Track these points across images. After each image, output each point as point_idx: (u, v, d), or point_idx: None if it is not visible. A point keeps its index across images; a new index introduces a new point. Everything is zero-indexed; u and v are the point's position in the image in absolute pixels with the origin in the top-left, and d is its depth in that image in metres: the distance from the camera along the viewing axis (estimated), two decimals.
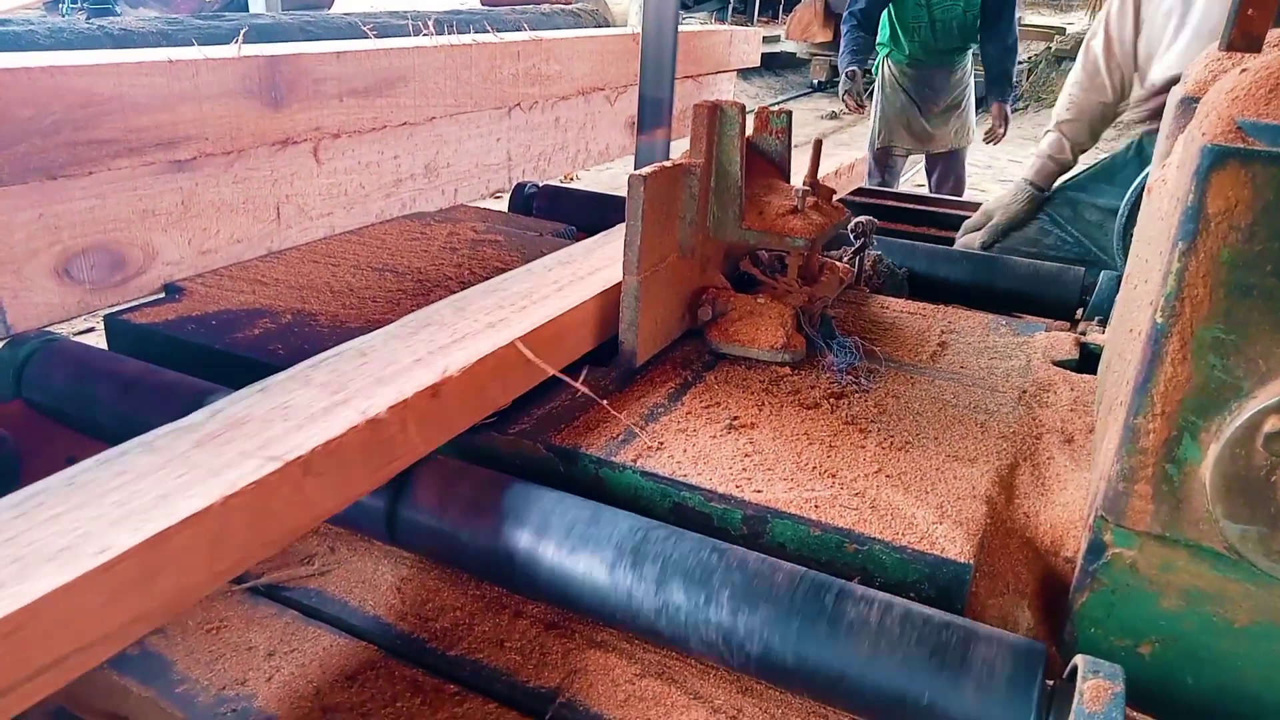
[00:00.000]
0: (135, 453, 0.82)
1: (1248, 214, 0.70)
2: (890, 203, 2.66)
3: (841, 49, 4.12)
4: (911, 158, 4.65)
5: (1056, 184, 2.34)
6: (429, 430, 0.97)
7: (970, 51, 4.11)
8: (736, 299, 1.40)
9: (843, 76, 4.12)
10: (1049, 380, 1.36)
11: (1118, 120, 2.36)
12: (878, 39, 4.15)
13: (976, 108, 4.27)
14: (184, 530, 0.70)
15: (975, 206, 2.72)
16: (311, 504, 0.82)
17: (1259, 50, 1.01)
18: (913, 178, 6.79)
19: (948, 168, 4.30)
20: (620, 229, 1.47)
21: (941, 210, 2.63)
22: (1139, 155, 2.06)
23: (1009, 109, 4.06)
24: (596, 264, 1.43)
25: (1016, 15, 3.99)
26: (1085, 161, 2.40)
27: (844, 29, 4.09)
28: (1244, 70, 0.79)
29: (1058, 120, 2.40)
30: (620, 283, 1.25)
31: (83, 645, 0.65)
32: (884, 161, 4.30)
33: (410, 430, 0.93)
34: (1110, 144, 2.55)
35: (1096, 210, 2.16)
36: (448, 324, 1.15)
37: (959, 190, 4.31)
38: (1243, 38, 1.01)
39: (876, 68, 4.27)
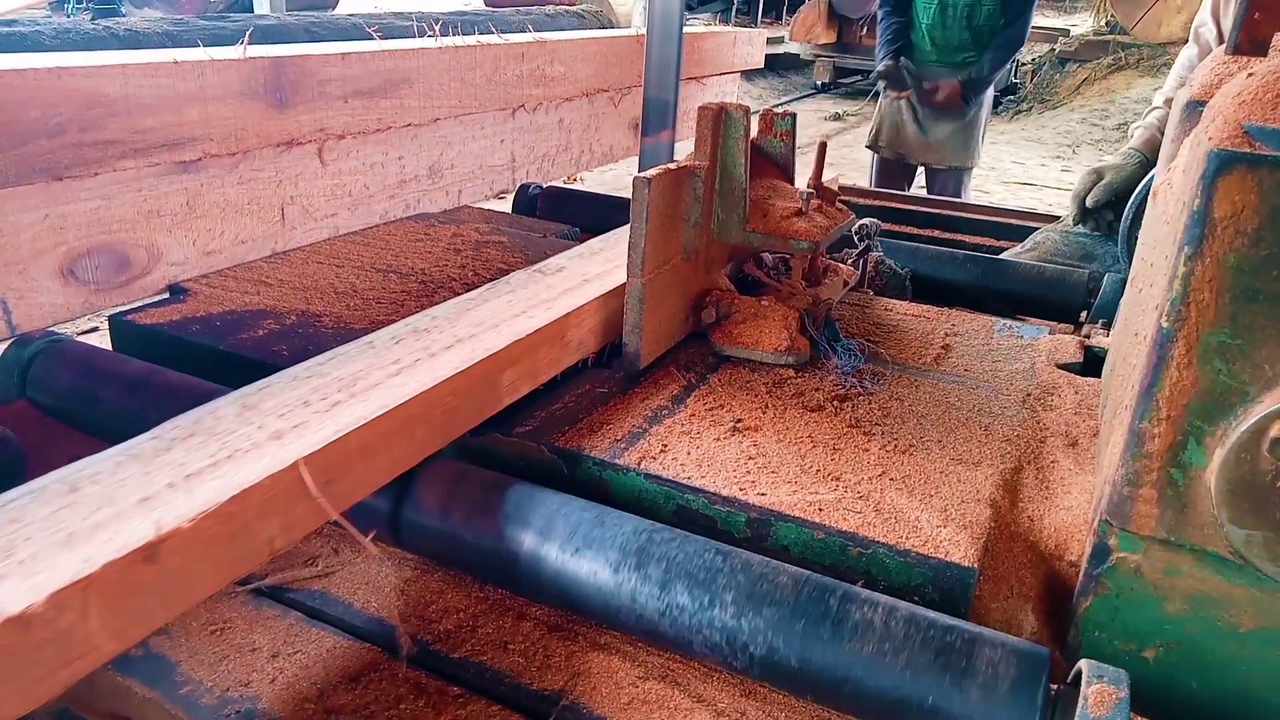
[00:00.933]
0: None
1: (1254, 219, 0.70)
2: (895, 205, 2.66)
3: (878, 41, 3.99)
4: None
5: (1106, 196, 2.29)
6: (134, 613, 0.66)
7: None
8: (740, 301, 1.40)
9: (879, 73, 3.94)
10: (1053, 383, 1.35)
11: None
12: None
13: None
14: None
15: (978, 209, 2.72)
16: None
17: (1265, 54, 1.01)
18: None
19: (944, 186, 4.09)
20: (525, 275, 1.37)
21: (944, 213, 2.62)
22: None
23: (963, 91, 3.81)
24: (463, 331, 1.11)
25: (1029, 21, 3.83)
26: None
27: (879, 16, 4.00)
28: (1250, 74, 0.79)
29: (1165, 97, 2.37)
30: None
31: None
32: (884, 170, 4.18)
33: (92, 620, 0.63)
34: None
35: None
36: (220, 433, 0.84)
37: None
38: (1249, 41, 1.01)
39: None
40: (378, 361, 1.02)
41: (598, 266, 1.40)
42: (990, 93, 3.97)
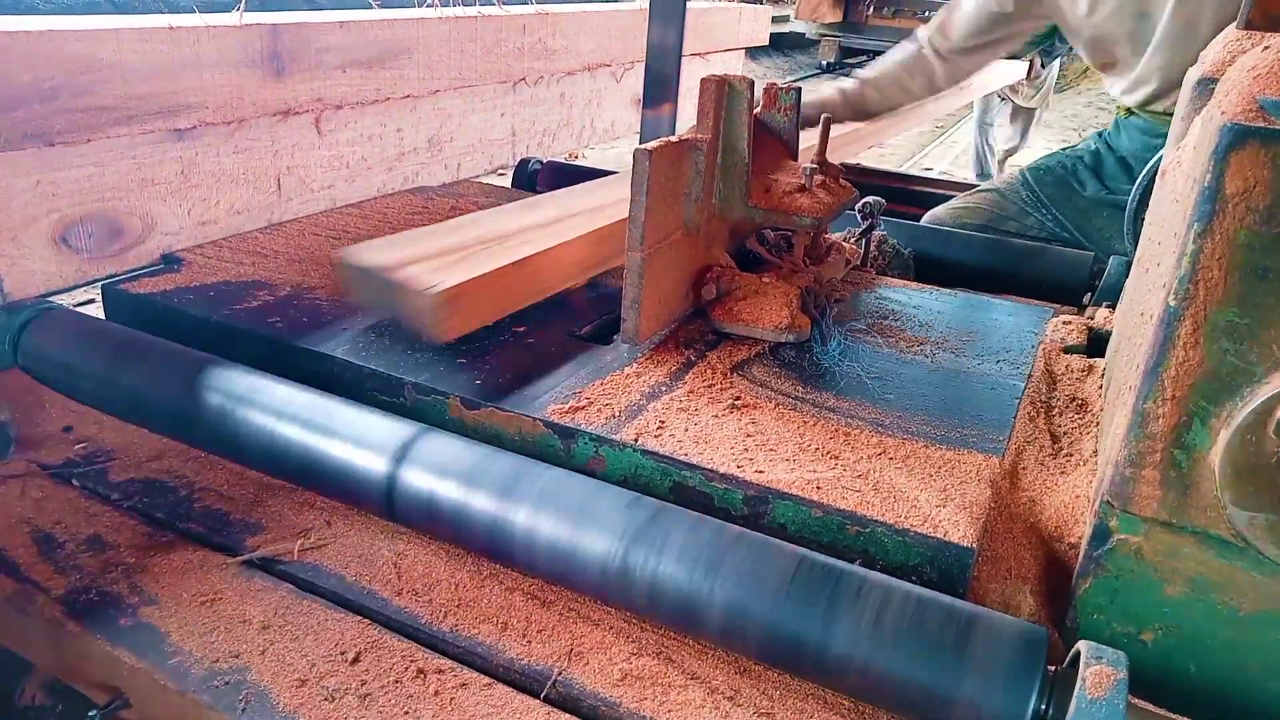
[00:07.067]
0: None
1: (1266, 195, 0.68)
2: (898, 185, 2.63)
3: None
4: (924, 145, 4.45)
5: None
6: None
7: None
8: (741, 278, 1.39)
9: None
10: (1056, 365, 1.34)
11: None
12: None
13: None
14: None
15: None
16: None
17: (1279, 30, 0.98)
18: (918, 162, 6.74)
19: None
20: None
21: (948, 193, 2.59)
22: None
23: None
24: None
25: None
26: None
27: None
28: (1266, 48, 0.77)
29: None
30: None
31: None
32: None
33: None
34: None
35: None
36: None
37: None
38: (1262, 17, 0.99)
39: None
40: None
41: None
42: None
